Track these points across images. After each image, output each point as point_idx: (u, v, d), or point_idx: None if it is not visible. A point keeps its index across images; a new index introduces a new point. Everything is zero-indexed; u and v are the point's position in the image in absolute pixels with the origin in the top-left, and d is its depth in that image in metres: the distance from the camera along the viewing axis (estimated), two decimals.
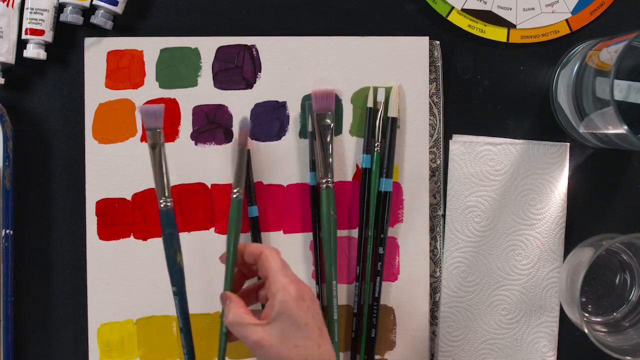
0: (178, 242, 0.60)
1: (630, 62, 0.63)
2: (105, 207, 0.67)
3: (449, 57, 0.69)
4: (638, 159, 0.69)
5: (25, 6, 0.65)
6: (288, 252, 0.67)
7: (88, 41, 0.67)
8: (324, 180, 0.65)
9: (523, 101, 0.69)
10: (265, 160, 0.68)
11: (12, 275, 0.66)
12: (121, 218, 0.67)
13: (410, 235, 0.68)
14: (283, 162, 0.68)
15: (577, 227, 0.69)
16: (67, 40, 0.68)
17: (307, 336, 0.53)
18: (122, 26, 0.68)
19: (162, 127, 0.60)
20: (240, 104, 0.68)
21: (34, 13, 0.65)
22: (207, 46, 0.68)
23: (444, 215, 0.69)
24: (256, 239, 0.67)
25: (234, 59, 0.68)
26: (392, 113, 0.67)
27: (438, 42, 0.68)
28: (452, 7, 0.68)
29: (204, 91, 0.68)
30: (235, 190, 0.59)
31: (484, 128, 0.69)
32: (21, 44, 0.67)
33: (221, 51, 0.68)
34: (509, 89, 0.69)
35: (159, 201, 0.60)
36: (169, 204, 0.60)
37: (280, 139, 0.68)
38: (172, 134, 0.68)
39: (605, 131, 0.60)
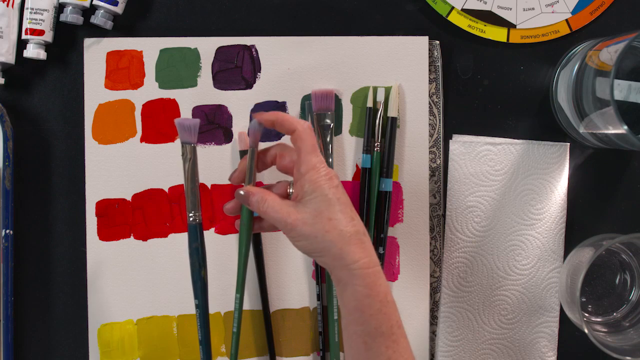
0: (204, 256, 0.60)
1: (630, 62, 0.63)
2: (105, 207, 0.67)
3: (449, 57, 0.69)
4: (638, 159, 0.69)
5: (25, 6, 0.65)
6: (288, 251, 0.68)
7: (88, 41, 0.67)
8: None
9: (523, 101, 0.69)
10: None
11: (12, 275, 0.66)
12: (121, 218, 0.67)
13: (410, 235, 0.68)
14: None
15: (577, 227, 0.69)
16: (67, 40, 0.68)
17: (341, 210, 0.53)
18: (122, 26, 0.68)
19: (196, 142, 0.59)
20: (240, 104, 0.68)
21: (34, 13, 0.65)
22: (207, 46, 0.68)
23: (444, 215, 0.69)
24: (256, 238, 0.67)
25: (234, 59, 0.68)
26: (391, 113, 0.67)
27: (438, 42, 0.68)
28: (452, 7, 0.68)
29: (204, 91, 0.68)
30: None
31: (484, 128, 0.69)
32: (21, 44, 0.67)
33: (221, 51, 0.68)
34: (509, 89, 0.69)
35: (188, 214, 0.59)
36: (197, 218, 0.59)
37: (280, 139, 0.68)
38: (172, 134, 0.68)
39: (605, 131, 0.60)
